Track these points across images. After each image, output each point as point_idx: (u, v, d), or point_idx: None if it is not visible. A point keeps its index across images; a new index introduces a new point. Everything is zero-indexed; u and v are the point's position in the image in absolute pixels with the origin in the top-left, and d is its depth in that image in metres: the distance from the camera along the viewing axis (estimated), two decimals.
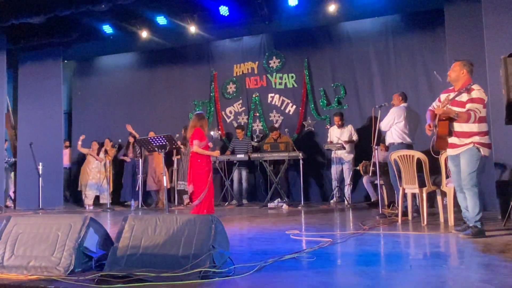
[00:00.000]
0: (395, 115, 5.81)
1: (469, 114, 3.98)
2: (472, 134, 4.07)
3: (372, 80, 8.36)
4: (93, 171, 8.90)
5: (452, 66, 4.25)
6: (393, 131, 5.83)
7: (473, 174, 4.03)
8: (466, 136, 4.09)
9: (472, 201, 4.05)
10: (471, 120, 3.99)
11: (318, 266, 2.98)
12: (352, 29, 8.59)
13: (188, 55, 9.74)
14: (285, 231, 4.61)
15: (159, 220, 2.98)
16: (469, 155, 4.07)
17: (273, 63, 9.17)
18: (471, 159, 4.05)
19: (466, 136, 4.09)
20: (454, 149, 4.18)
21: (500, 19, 5.63)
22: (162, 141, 5.34)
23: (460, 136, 4.12)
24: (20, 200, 8.78)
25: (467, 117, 3.98)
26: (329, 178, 8.28)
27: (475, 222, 4.05)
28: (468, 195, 4.08)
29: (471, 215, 4.08)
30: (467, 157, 4.08)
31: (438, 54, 7.54)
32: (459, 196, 4.32)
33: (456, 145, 4.15)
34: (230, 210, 7.69)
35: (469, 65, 4.22)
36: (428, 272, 2.79)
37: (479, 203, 4.03)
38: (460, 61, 4.24)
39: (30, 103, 9.01)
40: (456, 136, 4.14)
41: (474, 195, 4.03)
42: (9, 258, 2.94)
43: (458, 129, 4.13)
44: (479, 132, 4.07)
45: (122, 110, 9.97)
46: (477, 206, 4.02)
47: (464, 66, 4.20)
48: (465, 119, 3.99)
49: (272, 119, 9.08)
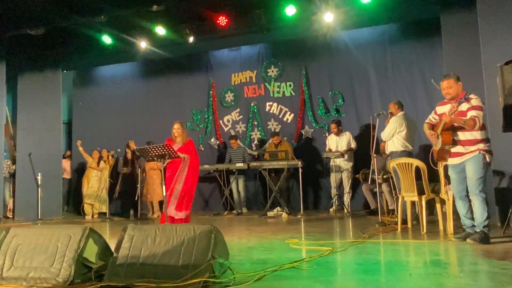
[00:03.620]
0: (397, 124, 5.84)
1: (474, 121, 4.01)
2: (477, 142, 4.11)
3: (370, 89, 8.41)
4: (93, 180, 8.89)
5: (447, 84, 4.23)
6: (394, 140, 5.87)
7: (480, 180, 4.07)
8: (471, 143, 4.12)
9: (481, 207, 4.07)
10: (476, 127, 4.02)
11: (318, 275, 2.97)
12: (350, 38, 8.65)
13: (187, 64, 9.79)
14: (284, 240, 4.60)
15: (158, 230, 2.98)
16: (475, 161, 4.10)
17: (271, 72, 9.22)
18: (478, 166, 4.08)
19: (472, 144, 4.12)
20: (459, 157, 4.21)
21: (496, 27, 5.68)
22: (161, 151, 5.33)
23: (465, 144, 4.15)
24: (18, 211, 8.74)
25: (473, 124, 4.01)
26: (328, 187, 8.28)
27: (483, 227, 4.07)
28: (476, 201, 4.10)
29: (479, 221, 4.09)
30: (473, 164, 4.10)
31: (435, 62, 7.59)
32: (458, 203, 4.36)
33: (461, 153, 4.18)
34: (229, 219, 7.67)
35: (458, 77, 4.29)
36: (428, 280, 2.79)
37: (487, 209, 4.06)
38: (452, 77, 4.24)
39: (29, 113, 9.02)
40: (461, 145, 4.17)
41: (483, 200, 4.06)
42: (9, 269, 2.92)
43: (462, 137, 4.16)
44: (483, 139, 4.13)
45: (121, 120, 9.99)
46: (485, 211, 4.06)
47: (458, 80, 4.26)
48: (472, 126, 4.02)
49: (270, 128, 9.10)
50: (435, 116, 4.46)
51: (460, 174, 4.26)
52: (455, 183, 4.32)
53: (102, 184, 8.74)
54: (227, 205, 8.65)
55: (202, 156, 8.95)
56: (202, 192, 9.32)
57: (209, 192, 9.42)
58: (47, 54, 8.90)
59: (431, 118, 4.50)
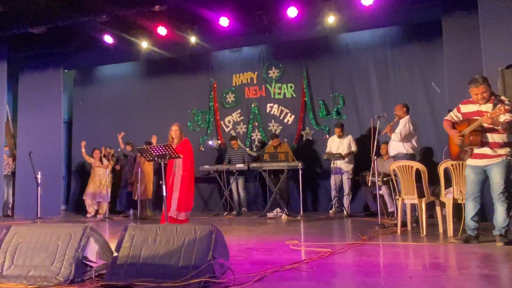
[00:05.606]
0: (413, 126, 5.79)
1: (510, 124, 3.94)
2: (506, 145, 4.04)
3: (370, 91, 8.42)
4: (96, 179, 8.91)
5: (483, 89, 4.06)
6: (403, 142, 5.82)
7: (506, 185, 4.03)
8: (499, 146, 4.05)
9: (504, 213, 4.06)
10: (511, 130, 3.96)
11: (319, 277, 2.98)
12: (351, 40, 8.67)
13: (188, 65, 9.79)
14: (284, 241, 4.60)
15: (159, 230, 2.98)
16: (503, 166, 4.05)
17: (272, 73, 9.23)
18: (506, 171, 4.04)
19: (499, 147, 4.05)
20: (485, 159, 4.12)
21: (497, 31, 5.69)
22: (161, 151, 5.34)
23: (493, 147, 4.07)
24: (18, 209, 8.74)
25: (509, 127, 3.94)
26: (327, 188, 8.29)
27: (504, 230, 4.10)
28: (501, 207, 4.08)
29: (500, 225, 4.09)
30: (501, 168, 4.05)
31: (436, 65, 7.61)
32: (469, 204, 4.27)
33: (489, 156, 4.09)
34: (229, 219, 7.67)
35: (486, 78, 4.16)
36: (428, 283, 2.80)
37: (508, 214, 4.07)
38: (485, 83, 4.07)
39: (30, 112, 9.02)
40: (488, 147, 4.08)
41: (507, 208, 4.05)
42: (9, 267, 2.92)
43: (490, 139, 4.08)
44: (510, 142, 4.06)
45: (122, 119, 9.99)
46: (508, 217, 4.06)
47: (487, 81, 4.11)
48: (508, 129, 3.95)
49: (271, 129, 9.10)
50: (457, 114, 4.32)
51: (480, 176, 4.18)
52: (473, 184, 4.23)
53: (103, 183, 8.74)
54: (226, 205, 8.65)
55: (202, 157, 8.99)
56: (201, 193, 9.32)
57: (208, 193, 9.43)
58: (48, 53, 8.90)
59: (453, 116, 4.36)
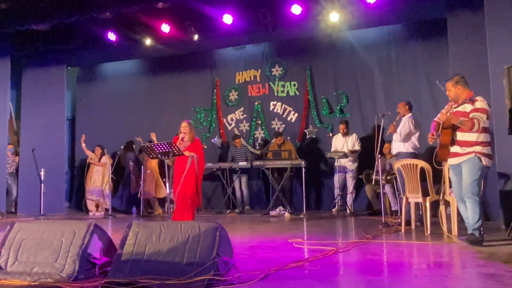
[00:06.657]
0: (413, 125, 5.79)
1: (473, 122, 4.02)
2: (474, 144, 4.11)
3: (374, 89, 8.38)
4: (95, 176, 8.90)
5: (446, 87, 4.32)
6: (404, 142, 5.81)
7: (474, 183, 4.09)
8: (468, 145, 4.13)
9: (472, 210, 4.09)
10: (474, 129, 4.03)
11: (323, 275, 2.97)
12: (355, 38, 8.62)
13: (191, 62, 9.76)
14: (288, 239, 4.59)
15: (163, 227, 2.98)
16: (470, 164, 4.11)
17: (275, 71, 9.20)
18: (473, 168, 4.10)
19: (468, 145, 4.13)
20: (456, 158, 4.22)
21: (503, 29, 5.66)
22: (165, 148, 5.33)
23: (462, 145, 4.16)
24: (21, 206, 8.76)
25: (471, 125, 4.02)
26: (331, 186, 8.27)
27: (473, 230, 4.11)
28: (469, 204, 4.12)
29: (470, 223, 4.14)
30: (468, 166, 4.12)
31: (441, 63, 7.54)
32: (460, 206, 4.36)
33: (458, 154, 4.20)
34: (232, 217, 7.67)
35: (460, 79, 4.27)
36: (433, 282, 2.78)
37: (479, 212, 4.07)
38: (449, 81, 4.31)
39: (33, 109, 9.02)
40: (458, 145, 4.19)
41: (475, 203, 4.08)
42: (13, 264, 2.92)
43: (460, 138, 4.18)
44: (481, 142, 4.12)
45: (125, 117, 9.97)
46: (477, 214, 4.07)
47: (457, 83, 4.26)
48: (469, 127, 4.03)
49: (274, 127, 9.08)
50: None
51: (459, 176, 4.25)
52: (456, 185, 4.33)
53: (105, 180, 8.74)
54: (229, 203, 8.65)
55: (205, 155, 8.95)
56: (204, 191, 9.29)
57: (211, 191, 9.42)
58: (51, 50, 8.88)
59: (439, 117, 4.43)
